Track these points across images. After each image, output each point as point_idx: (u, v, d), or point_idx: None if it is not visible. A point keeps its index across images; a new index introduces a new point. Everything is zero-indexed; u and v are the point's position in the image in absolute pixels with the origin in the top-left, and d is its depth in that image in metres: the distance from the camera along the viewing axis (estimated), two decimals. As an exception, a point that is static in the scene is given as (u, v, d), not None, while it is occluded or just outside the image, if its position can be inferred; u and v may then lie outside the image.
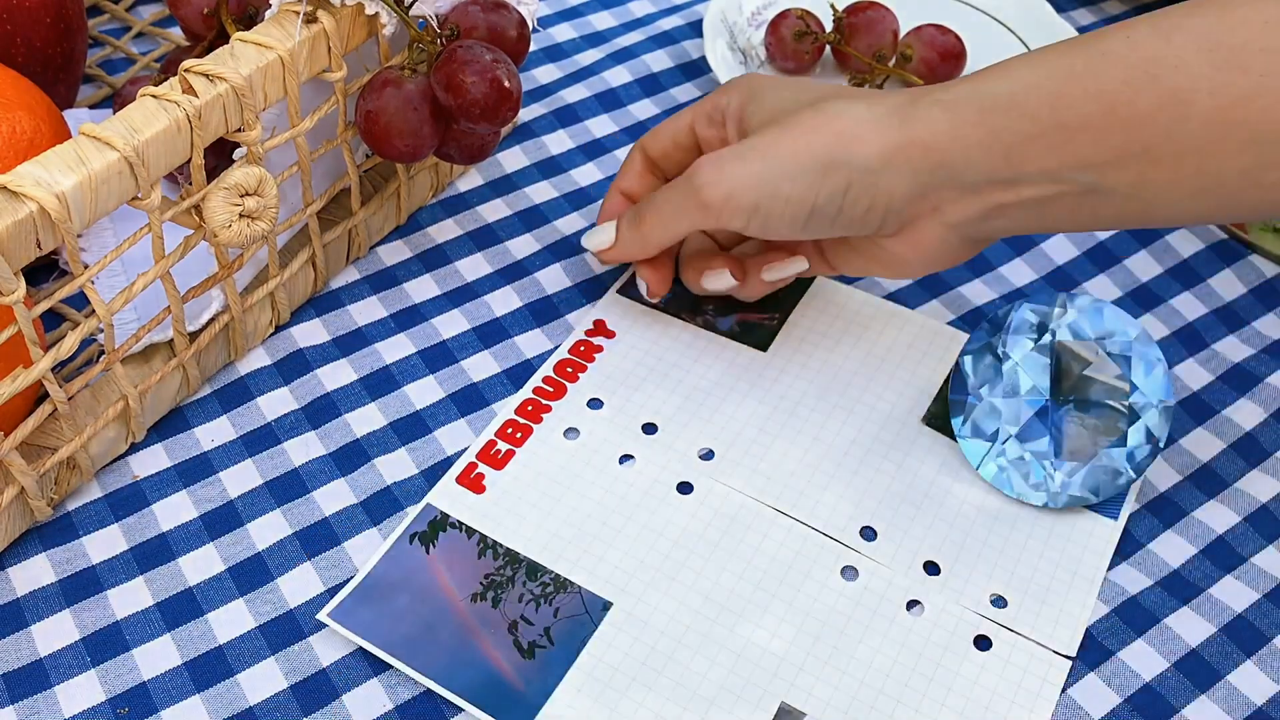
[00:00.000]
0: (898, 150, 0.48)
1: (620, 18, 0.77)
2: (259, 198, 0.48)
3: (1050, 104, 0.45)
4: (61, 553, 0.50)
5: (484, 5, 0.53)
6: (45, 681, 0.46)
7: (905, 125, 0.48)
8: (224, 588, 0.49)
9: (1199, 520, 0.52)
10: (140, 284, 0.47)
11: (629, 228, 0.54)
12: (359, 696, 0.46)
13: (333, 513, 0.52)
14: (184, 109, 0.44)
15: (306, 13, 0.48)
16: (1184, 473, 0.54)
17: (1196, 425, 0.56)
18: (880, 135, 0.48)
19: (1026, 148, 0.46)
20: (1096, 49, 0.45)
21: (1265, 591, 0.50)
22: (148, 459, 0.53)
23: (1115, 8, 0.79)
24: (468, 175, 0.66)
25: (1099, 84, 0.44)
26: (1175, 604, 0.50)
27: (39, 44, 0.59)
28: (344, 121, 0.54)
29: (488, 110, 0.50)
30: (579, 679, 0.46)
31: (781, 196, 0.48)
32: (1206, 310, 0.61)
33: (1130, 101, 0.44)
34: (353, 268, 0.61)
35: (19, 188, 0.40)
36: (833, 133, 0.48)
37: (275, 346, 0.57)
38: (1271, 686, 0.47)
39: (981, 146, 0.47)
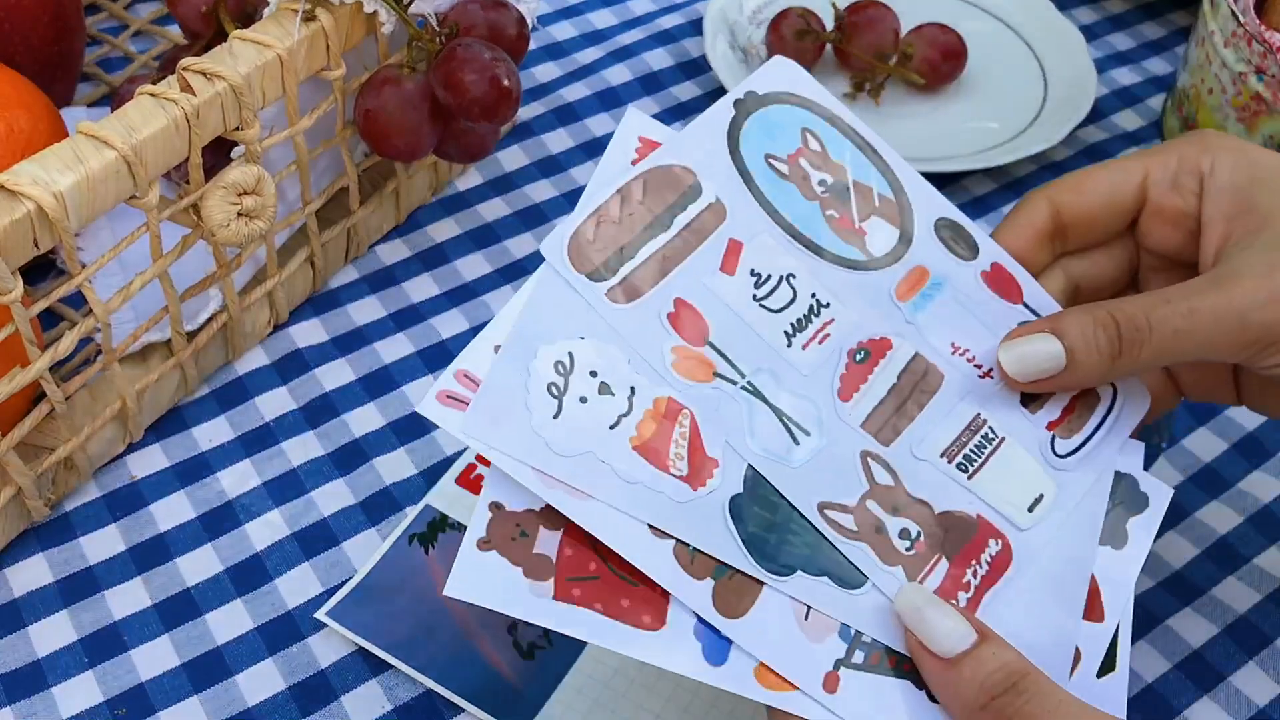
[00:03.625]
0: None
1: (620, 16, 0.77)
2: (257, 196, 0.48)
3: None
4: (59, 553, 0.50)
5: (483, 3, 0.53)
6: (43, 682, 0.46)
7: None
8: (222, 588, 0.49)
9: (1201, 521, 0.52)
10: (138, 283, 0.47)
11: (1099, 352, 0.40)
12: (358, 697, 0.46)
13: (331, 513, 0.51)
14: (182, 107, 0.44)
15: (305, 11, 0.48)
16: (1186, 473, 0.54)
17: (1199, 425, 0.56)
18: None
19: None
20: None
21: (1267, 592, 0.50)
22: (146, 459, 0.53)
23: (1116, 7, 0.79)
24: (467, 174, 0.66)
25: None
26: (1177, 604, 0.49)
27: (37, 42, 0.58)
28: (343, 120, 0.54)
29: (487, 109, 0.50)
30: (579, 679, 0.46)
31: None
32: (1208, 310, 0.61)
33: None
34: (351, 267, 0.61)
35: (16, 187, 0.40)
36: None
37: (274, 346, 0.57)
38: (1274, 687, 0.47)
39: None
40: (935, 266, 0.43)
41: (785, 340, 0.40)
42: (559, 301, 0.39)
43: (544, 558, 0.36)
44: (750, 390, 0.39)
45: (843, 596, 0.37)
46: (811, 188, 0.42)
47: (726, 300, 0.40)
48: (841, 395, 0.40)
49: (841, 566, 0.38)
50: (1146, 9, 0.79)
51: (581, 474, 0.37)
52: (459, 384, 0.37)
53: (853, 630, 0.37)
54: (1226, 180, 0.41)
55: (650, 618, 0.36)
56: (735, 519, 0.37)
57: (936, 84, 0.70)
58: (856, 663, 0.37)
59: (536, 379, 0.38)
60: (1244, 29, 0.60)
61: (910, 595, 0.37)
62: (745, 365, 0.39)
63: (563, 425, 0.37)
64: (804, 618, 0.37)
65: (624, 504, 0.36)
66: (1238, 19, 0.60)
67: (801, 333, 0.40)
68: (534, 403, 0.37)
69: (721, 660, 0.36)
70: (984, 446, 0.40)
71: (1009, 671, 0.34)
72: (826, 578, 0.37)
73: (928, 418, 0.40)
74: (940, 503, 0.39)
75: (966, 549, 0.39)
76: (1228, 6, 0.61)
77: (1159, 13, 0.79)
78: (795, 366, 0.40)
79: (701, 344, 0.39)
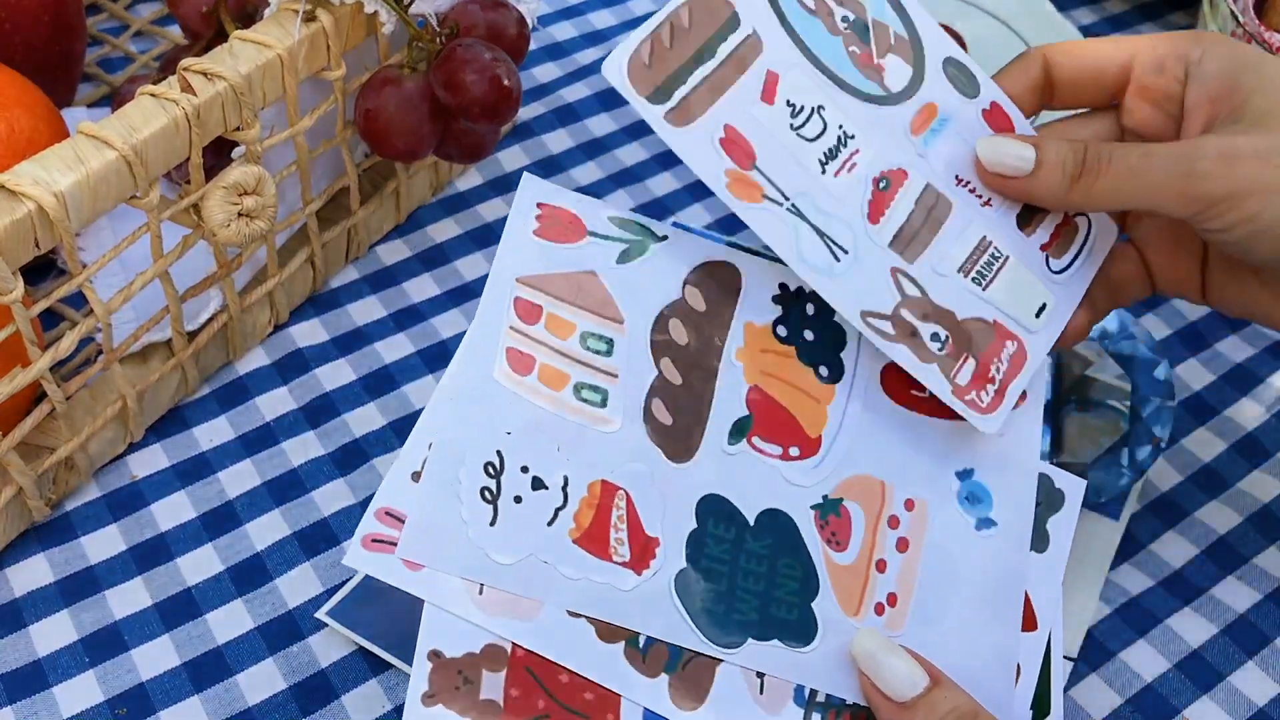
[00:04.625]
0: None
1: (620, 16, 0.77)
2: (257, 197, 0.48)
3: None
4: (60, 553, 0.50)
5: (484, 3, 0.53)
6: (44, 682, 0.46)
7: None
8: (223, 588, 0.49)
9: (1200, 520, 0.52)
10: (139, 283, 0.47)
11: (1064, 175, 0.43)
12: (358, 697, 0.46)
13: (332, 513, 0.51)
14: (182, 108, 0.44)
15: (305, 11, 0.48)
16: (1185, 473, 0.54)
17: (1198, 425, 0.56)
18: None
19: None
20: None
21: (1267, 592, 0.50)
22: (146, 459, 0.53)
23: (1116, 7, 0.79)
24: (467, 174, 0.66)
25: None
26: (1177, 604, 0.50)
27: (37, 43, 0.58)
28: (343, 120, 0.54)
29: (487, 109, 0.50)
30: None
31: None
32: (1208, 310, 0.61)
33: None
34: (352, 267, 0.61)
35: (17, 187, 0.40)
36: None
37: (274, 346, 0.57)
38: (1273, 687, 0.47)
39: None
40: (943, 103, 0.45)
41: (820, 167, 0.41)
42: (481, 399, 0.38)
43: (491, 703, 0.35)
44: (794, 211, 0.40)
45: (794, 657, 0.38)
46: (835, 23, 0.44)
47: (768, 128, 0.41)
48: (870, 218, 0.42)
49: (789, 626, 0.38)
50: (1146, 9, 0.79)
51: (525, 580, 0.36)
52: (383, 524, 0.37)
53: (806, 693, 0.38)
54: (1214, 67, 0.43)
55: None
56: (682, 595, 0.38)
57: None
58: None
59: (468, 486, 0.37)
60: (1243, 29, 0.60)
61: (865, 641, 0.38)
62: (787, 189, 0.41)
63: (500, 531, 0.37)
64: (759, 692, 0.37)
65: (571, 602, 0.36)
66: (1237, 19, 0.60)
67: (833, 161, 0.42)
68: (469, 513, 0.37)
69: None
70: (992, 263, 0.43)
71: (960, 714, 0.36)
72: (776, 640, 0.38)
73: (943, 239, 0.43)
74: (961, 311, 0.42)
75: (989, 348, 0.42)
76: (1227, 7, 0.61)
77: (1158, 13, 0.79)
78: (829, 191, 0.41)
79: (750, 168, 0.40)
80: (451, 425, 0.38)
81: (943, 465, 0.42)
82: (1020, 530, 0.42)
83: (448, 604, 0.36)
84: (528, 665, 0.36)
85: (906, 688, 0.37)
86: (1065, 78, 0.46)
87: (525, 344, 0.40)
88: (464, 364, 0.39)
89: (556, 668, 0.36)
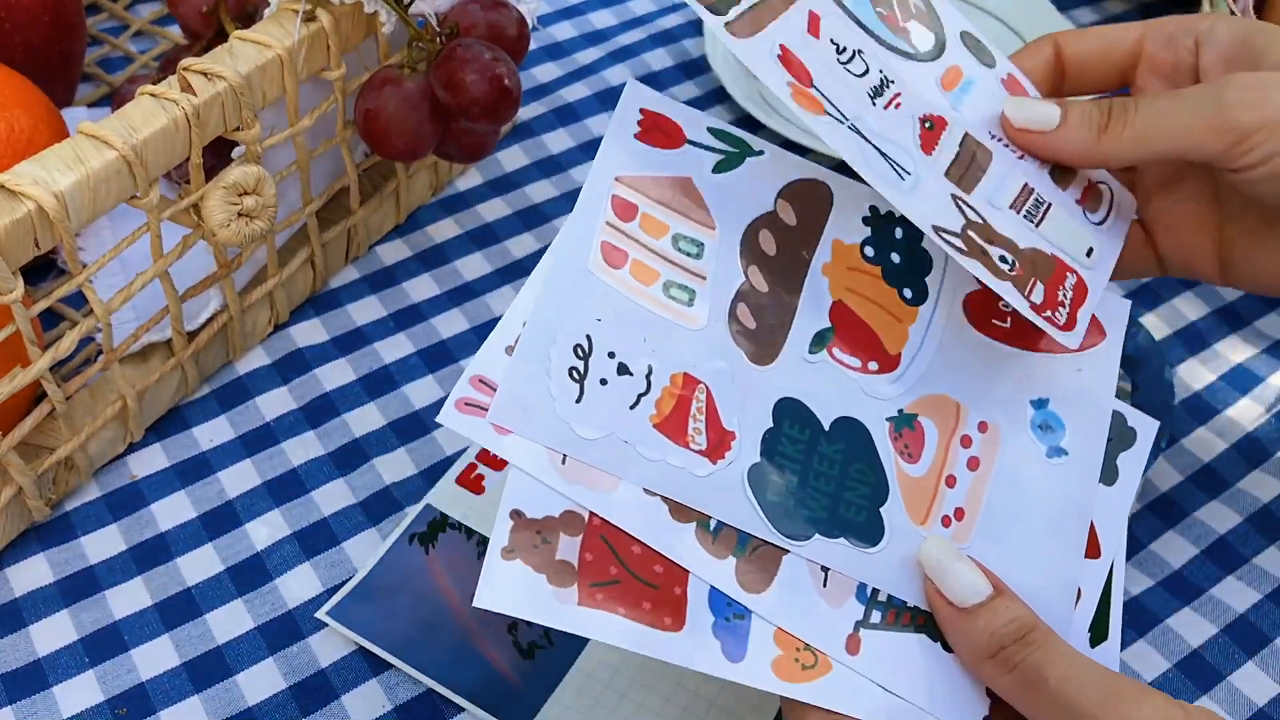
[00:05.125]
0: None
1: (620, 16, 0.77)
2: (257, 197, 0.48)
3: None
4: (60, 553, 0.50)
5: (484, 3, 0.53)
6: (44, 682, 0.46)
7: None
8: (223, 588, 0.49)
9: (1201, 520, 0.52)
10: (139, 283, 0.47)
11: (1090, 127, 0.43)
12: (358, 697, 0.46)
13: (332, 513, 0.51)
14: (182, 108, 0.44)
15: (305, 11, 0.48)
16: (1186, 473, 0.54)
17: (1198, 425, 0.56)
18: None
19: None
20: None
21: (1267, 592, 0.50)
22: (146, 459, 0.53)
23: (1116, 7, 0.79)
24: (467, 174, 0.66)
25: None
26: (1177, 604, 0.50)
27: (37, 43, 0.58)
28: (343, 120, 0.54)
29: (487, 109, 0.50)
30: (579, 679, 0.46)
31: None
32: (1208, 310, 0.61)
33: None
34: (352, 267, 0.61)
35: (17, 187, 0.40)
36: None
37: (274, 346, 0.57)
38: (1273, 687, 0.47)
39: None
40: (966, 68, 0.45)
41: (869, 100, 0.42)
42: (574, 286, 0.39)
43: (566, 564, 0.36)
44: (855, 130, 0.41)
45: (860, 556, 0.39)
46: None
47: (818, 57, 0.41)
48: (924, 150, 0.42)
49: (856, 527, 0.39)
50: (1146, 9, 0.79)
51: (606, 456, 0.37)
52: (476, 390, 0.38)
53: (868, 591, 0.38)
54: (1224, 33, 0.44)
55: (671, 619, 0.36)
56: (754, 487, 0.38)
57: (936, 84, 0.70)
58: (875, 622, 0.38)
59: (558, 364, 0.38)
60: (1244, 29, 0.60)
61: (933, 548, 0.38)
62: (846, 110, 0.41)
63: (585, 408, 0.38)
64: (822, 585, 0.38)
65: (648, 481, 0.37)
66: (1237, 19, 0.60)
67: (879, 97, 0.42)
68: (557, 389, 0.38)
69: (740, 657, 0.36)
70: (1038, 206, 0.44)
71: (1020, 624, 0.36)
72: (843, 539, 0.39)
73: (990, 179, 0.43)
74: (1021, 241, 0.42)
75: (1053, 276, 0.42)
76: (1227, 7, 0.61)
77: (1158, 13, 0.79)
78: (884, 119, 0.42)
79: (809, 85, 0.40)
80: (545, 307, 0.39)
81: (1019, 392, 0.43)
82: (1090, 461, 0.42)
83: (531, 468, 0.37)
84: (603, 534, 0.37)
85: (970, 594, 0.37)
86: (1075, 59, 0.46)
87: (620, 239, 0.41)
88: (560, 253, 0.40)
89: (630, 540, 0.37)
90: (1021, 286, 0.41)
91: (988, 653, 0.36)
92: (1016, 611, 0.37)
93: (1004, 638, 0.36)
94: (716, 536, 0.38)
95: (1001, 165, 0.44)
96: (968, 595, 0.37)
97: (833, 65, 0.42)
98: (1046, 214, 0.44)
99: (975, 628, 0.37)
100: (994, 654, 0.36)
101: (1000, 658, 0.36)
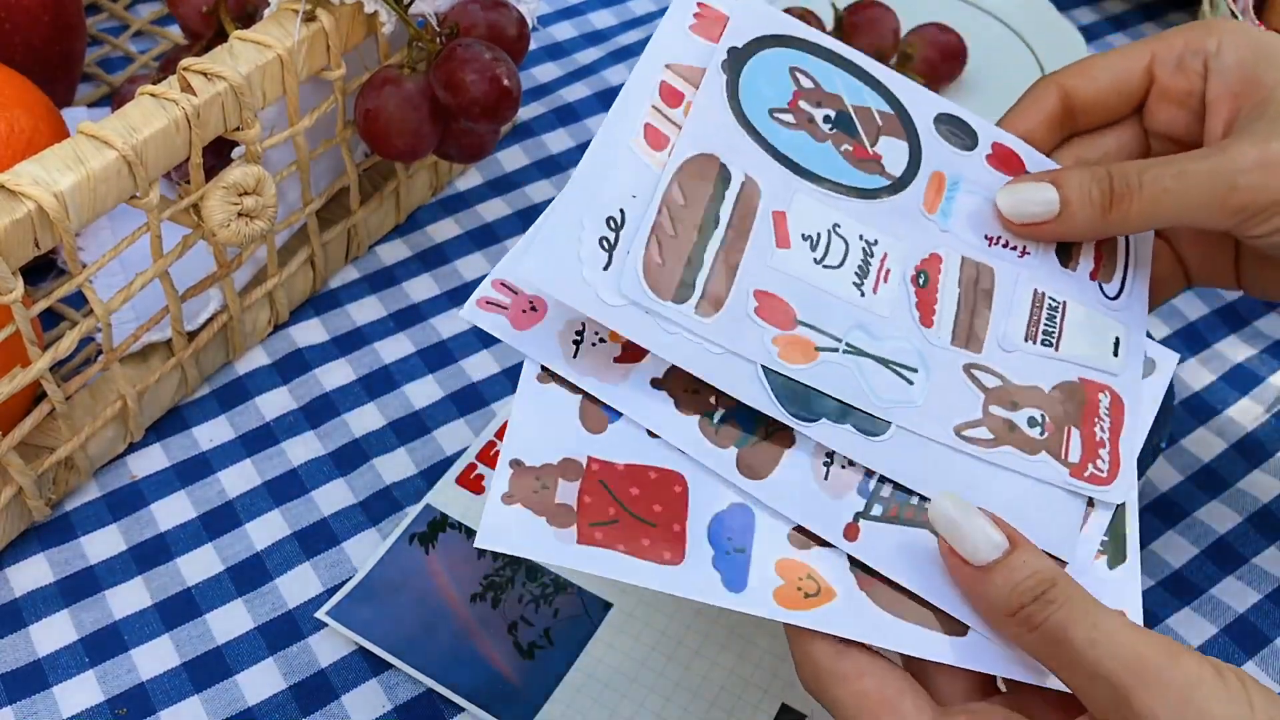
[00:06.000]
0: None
1: (620, 16, 0.77)
2: (257, 197, 0.48)
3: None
4: (60, 553, 0.50)
5: (484, 3, 0.53)
6: (43, 682, 0.46)
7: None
8: (222, 588, 0.49)
9: (1201, 521, 0.52)
10: (139, 283, 0.47)
11: (1092, 204, 0.41)
12: (358, 697, 0.46)
13: (332, 513, 0.51)
14: (182, 108, 0.44)
15: (305, 11, 0.48)
16: (1185, 473, 0.54)
17: (1198, 425, 0.56)
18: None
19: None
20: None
21: (1267, 592, 0.50)
22: (146, 459, 0.53)
23: (1116, 7, 0.79)
24: (467, 174, 0.66)
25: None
26: (1177, 605, 0.49)
27: (37, 43, 0.58)
28: (343, 120, 0.54)
29: (487, 109, 0.50)
30: (579, 679, 0.46)
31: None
32: (1208, 310, 0.61)
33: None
34: (352, 267, 0.61)
35: (17, 187, 0.40)
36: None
37: (274, 346, 0.57)
38: (1273, 687, 0.47)
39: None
40: (947, 167, 0.44)
41: (857, 291, 0.41)
42: (614, 161, 0.40)
43: (565, 506, 0.37)
44: (852, 350, 0.40)
45: (865, 443, 0.38)
46: (819, 129, 0.43)
47: (794, 274, 0.40)
48: (923, 322, 0.41)
49: (862, 418, 0.39)
50: (1146, 9, 0.79)
51: (627, 322, 0.38)
52: (497, 292, 0.39)
53: (870, 485, 0.38)
54: (1232, 59, 0.42)
55: (670, 554, 0.36)
56: (767, 374, 0.38)
57: (936, 84, 0.70)
58: (875, 515, 0.38)
59: (590, 232, 0.39)
60: (1244, 29, 0.60)
61: (944, 504, 0.37)
62: (837, 330, 0.40)
63: (611, 276, 0.38)
64: (823, 478, 0.38)
65: (666, 350, 0.38)
66: (1237, 19, 0.60)
67: (866, 278, 0.41)
68: (586, 254, 0.38)
69: (741, 587, 0.36)
70: (1053, 317, 0.42)
71: (1039, 579, 0.35)
72: (850, 425, 0.39)
73: (998, 313, 0.42)
74: (1045, 382, 0.41)
75: (1086, 410, 0.41)
76: (1227, 7, 0.61)
77: (1158, 13, 0.79)
78: (875, 312, 0.41)
79: (793, 326, 0.40)
80: (584, 177, 0.39)
81: None
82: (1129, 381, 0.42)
83: (545, 360, 0.38)
84: (601, 479, 0.37)
85: (986, 549, 0.36)
86: (1087, 101, 0.45)
87: (664, 124, 0.41)
88: (605, 131, 0.41)
89: (628, 481, 0.37)
90: (1057, 448, 0.40)
91: (1008, 611, 0.35)
92: (1035, 565, 0.35)
93: (1024, 594, 0.35)
94: (719, 429, 0.38)
95: (1006, 278, 0.42)
96: (983, 551, 0.36)
97: (811, 273, 0.40)
98: (1063, 324, 0.42)
99: (993, 586, 0.35)
100: (1014, 613, 0.35)
101: (1021, 616, 0.35)
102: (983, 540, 0.36)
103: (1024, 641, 0.35)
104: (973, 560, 0.36)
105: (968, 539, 0.36)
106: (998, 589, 0.35)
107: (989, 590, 0.36)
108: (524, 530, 0.36)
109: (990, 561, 0.36)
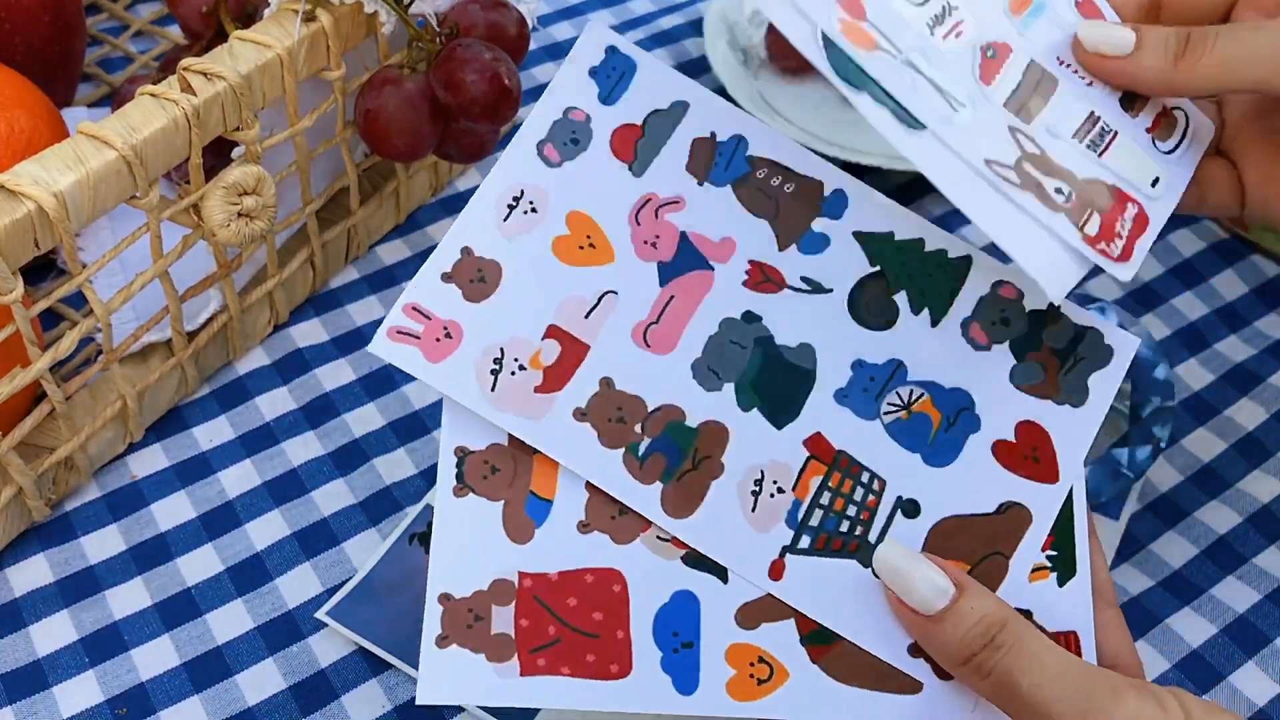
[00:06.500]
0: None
1: (620, 16, 0.77)
2: (257, 197, 0.48)
3: None
4: (60, 553, 0.50)
5: (483, 3, 0.53)
6: (43, 682, 0.46)
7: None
8: (222, 588, 0.49)
9: (1200, 521, 0.52)
10: (138, 283, 0.47)
11: (1167, 53, 0.41)
12: (358, 697, 0.46)
13: (332, 513, 0.51)
14: (182, 108, 0.44)
15: (305, 11, 0.48)
16: (1185, 473, 0.54)
17: (1198, 425, 0.56)
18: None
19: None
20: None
21: (1267, 592, 0.50)
22: (146, 459, 0.53)
23: (1116, 6, 0.79)
24: (467, 174, 0.66)
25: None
26: (1177, 604, 0.49)
27: (37, 42, 0.58)
28: (343, 120, 0.54)
29: (487, 109, 0.50)
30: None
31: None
32: (1208, 310, 0.61)
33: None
34: (351, 267, 0.61)
35: (17, 187, 0.40)
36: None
37: (274, 346, 0.57)
38: (1273, 687, 0.47)
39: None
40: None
41: (929, 30, 0.41)
42: None
43: (503, 637, 0.36)
44: (909, 64, 0.40)
45: (900, 131, 0.38)
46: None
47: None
48: (983, 79, 0.41)
49: (902, 111, 0.38)
50: (1146, 9, 0.79)
51: None
52: (409, 318, 0.38)
53: (799, 516, 0.38)
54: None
55: (618, 666, 0.36)
56: (826, 43, 0.38)
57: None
58: (803, 548, 0.38)
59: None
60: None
61: (888, 553, 0.37)
62: (901, 44, 0.40)
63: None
64: (751, 509, 0.38)
65: None
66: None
67: (940, 26, 0.41)
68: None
69: (693, 688, 0.36)
70: (1103, 135, 0.43)
71: (988, 624, 0.35)
72: (889, 112, 0.38)
73: (1053, 108, 0.42)
74: (1081, 172, 0.41)
75: (1112, 209, 0.41)
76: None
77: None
78: (940, 51, 0.41)
79: (862, 18, 0.40)
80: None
81: None
82: None
83: (461, 398, 0.38)
84: (536, 594, 0.37)
85: (934, 598, 0.36)
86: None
87: None
88: None
89: (564, 592, 0.37)
90: (1076, 218, 0.40)
91: (960, 659, 0.35)
92: (982, 609, 0.35)
93: (973, 642, 0.35)
94: (644, 463, 0.38)
95: (1067, 93, 0.43)
96: (931, 599, 0.36)
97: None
98: (1112, 143, 0.43)
99: (944, 634, 0.36)
100: (965, 660, 0.35)
101: (973, 664, 0.35)
102: (929, 589, 0.36)
103: (980, 689, 0.35)
104: (923, 610, 0.36)
105: (915, 589, 0.36)
106: (949, 637, 0.35)
107: (941, 640, 0.36)
108: (464, 674, 0.35)
109: (940, 610, 0.36)
